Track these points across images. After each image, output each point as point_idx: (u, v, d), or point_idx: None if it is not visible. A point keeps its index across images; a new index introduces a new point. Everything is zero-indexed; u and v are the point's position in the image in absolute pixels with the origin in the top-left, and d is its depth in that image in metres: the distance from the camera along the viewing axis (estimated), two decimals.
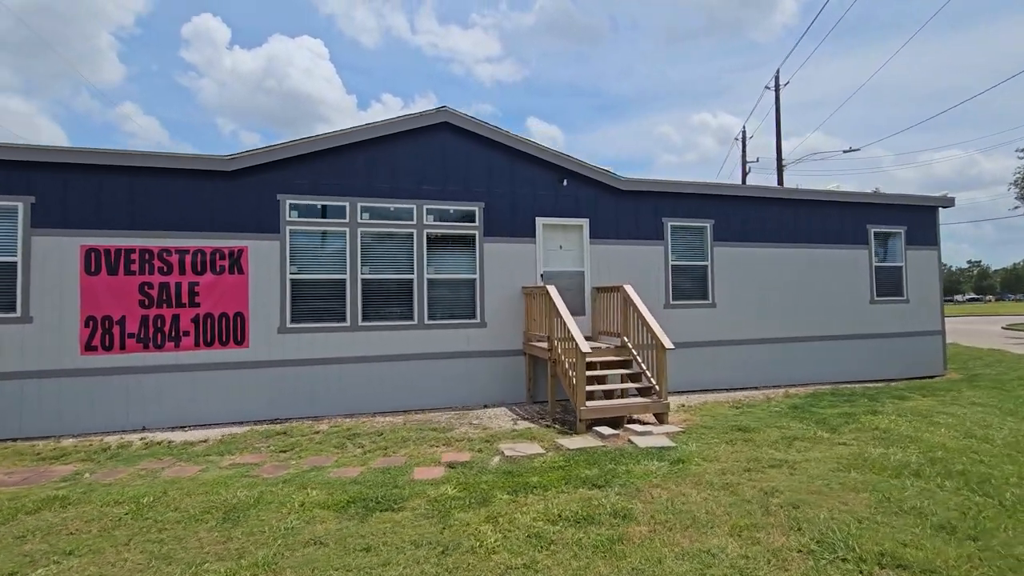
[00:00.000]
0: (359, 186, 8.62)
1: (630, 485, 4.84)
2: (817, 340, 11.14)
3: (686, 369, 10.15)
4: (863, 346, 11.45)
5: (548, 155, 9.50)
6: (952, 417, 7.49)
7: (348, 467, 5.62)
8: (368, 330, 8.57)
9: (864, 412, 7.88)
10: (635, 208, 10.07)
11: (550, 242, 9.64)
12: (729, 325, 10.55)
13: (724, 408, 8.49)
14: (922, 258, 12.06)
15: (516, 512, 4.25)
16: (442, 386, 8.83)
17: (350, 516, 4.23)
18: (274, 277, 8.19)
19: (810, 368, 11.00)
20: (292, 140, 8.32)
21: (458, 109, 9.04)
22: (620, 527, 3.96)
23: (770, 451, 5.92)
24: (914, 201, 12.06)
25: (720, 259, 10.56)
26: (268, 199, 8.22)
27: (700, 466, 5.41)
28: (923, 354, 11.89)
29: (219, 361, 7.94)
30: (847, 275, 11.47)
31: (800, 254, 11.15)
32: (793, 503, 4.36)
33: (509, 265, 9.29)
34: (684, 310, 10.27)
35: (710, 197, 10.56)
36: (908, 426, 6.97)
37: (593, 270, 9.76)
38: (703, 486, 4.80)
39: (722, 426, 7.12)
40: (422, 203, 8.89)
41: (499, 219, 9.28)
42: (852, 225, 11.58)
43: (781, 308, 10.93)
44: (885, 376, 11.46)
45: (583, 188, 9.77)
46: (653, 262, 10.13)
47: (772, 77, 22.81)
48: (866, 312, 11.56)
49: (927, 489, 4.67)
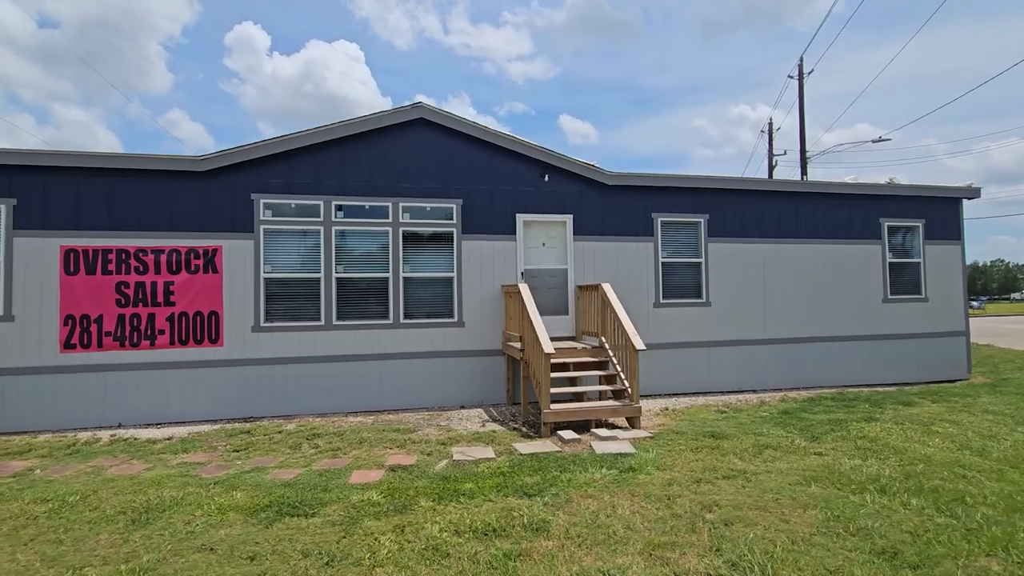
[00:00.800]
0: (334, 184, 8.57)
1: (564, 494, 4.58)
2: (824, 341, 10.51)
3: (678, 371, 9.74)
4: (876, 347, 10.74)
5: (529, 150, 9.24)
6: (955, 426, 6.90)
7: (289, 468, 5.54)
8: (342, 329, 8.51)
9: (859, 419, 7.35)
10: (623, 203, 9.70)
11: (532, 239, 9.38)
12: (725, 325, 10.05)
13: (708, 412, 8.07)
14: (943, 253, 11.23)
15: (428, 522, 4.05)
16: (418, 387, 8.70)
17: (258, 521, 4.12)
18: (248, 276, 8.22)
19: (816, 370, 10.39)
20: (265, 139, 8.33)
21: (435, 104, 8.91)
22: (528, 541, 3.72)
23: (734, 460, 5.54)
24: (934, 192, 11.24)
25: (715, 256, 10.08)
26: (242, 198, 8.25)
27: (649, 475, 5.09)
28: (944, 356, 11.08)
29: (193, 360, 8.01)
30: (858, 272, 10.79)
31: (805, 250, 10.54)
32: (727, 520, 4.01)
33: (488, 263, 9.08)
34: (675, 309, 9.84)
35: (704, 191, 10.08)
36: (899, 435, 6.45)
37: (577, 268, 9.45)
38: (640, 498, 4.50)
39: (696, 432, 6.74)
40: (398, 201, 8.78)
41: (478, 216, 9.08)
42: (863, 219, 10.88)
43: (783, 307, 10.36)
44: (900, 379, 10.73)
45: (567, 183, 9.47)
46: (642, 259, 9.74)
47: (796, 66, 21.82)
48: (879, 311, 10.85)
49: (887, 507, 4.24)
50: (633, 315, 9.50)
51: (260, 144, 8.28)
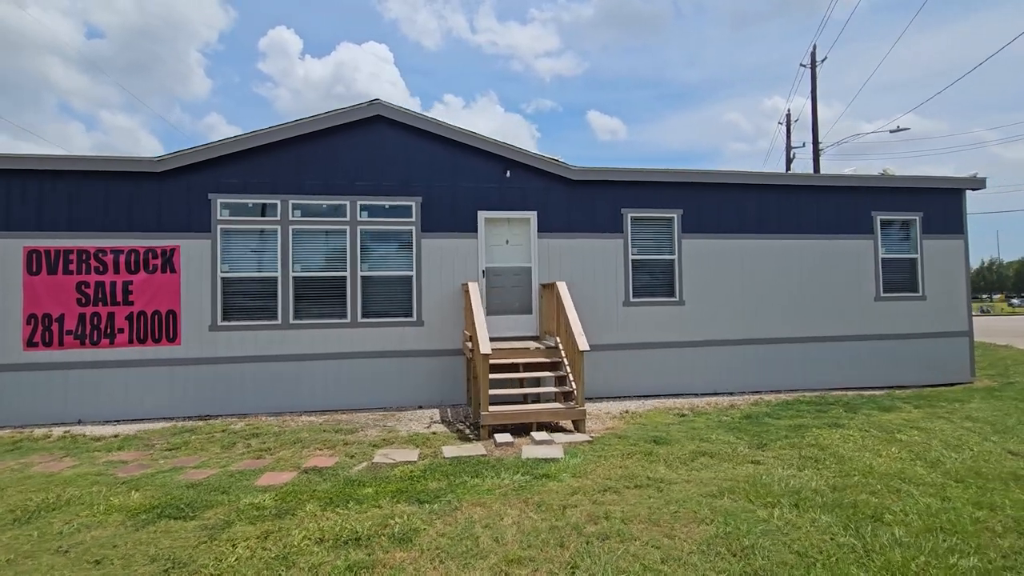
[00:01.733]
0: (290, 183, 8.56)
1: (457, 502, 4.41)
2: (810, 341, 10.00)
3: (649, 372, 9.41)
4: (868, 348, 10.17)
5: (491, 146, 9.05)
6: (923, 434, 6.44)
7: (207, 469, 5.53)
8: (299, 328, 8.51)
9: (823, 425, 6.94)
10: (590, 199, 9.41)
11: (495, 237, 9.19)
12: (700, 325, 9.66)
13: (668, 416, 7.75)
14: (943, 249, 10.55)
15: (299, 529, 3.94)
16: (375, 386, 8.63)
17: (135, 523, 4.09)
18: (205, 275, 8.29)
19: (800, 373, 9.89)
20: (222, 139, 8.38)
21: (391, 102, 8.82)
22: (384, 552, 3.57)
23: (659, 468, 5.26)
24: (933, 184, 10.56)
25: (690, 252, 9.69)
26: (199, 198, 8.33)
27: (560, 482, 4.87)
28: (943, 358, 10.40)
29: (151, 358, 8.13)
30: (848, 269, 10.22)
31: (789, 246, 10.04)
32: (606, 534, 3.77)
33: (449, 261, 8.93)
34: (646, 308, 9.51)
35: (678, 185, 9.70)
36: (855, 443, 6.04)
37: (542, 266, 9.22)
38: (532, 507, 4.29)
39: (640, 436, 6.46)
40: (355, 199, 8.72)
41: (438, 214, 8.95)
42: (854, 213, 10.30)
43: (764, 306, 9.89)
44: (895, 382, 10.13)
45: (531, 179, 9.24)
46: (610, 257, 9.43)
47: (818, 55, 20.94)
48: (871, 310, 10.26)
49: (792, 524, 3.93)
50: (601, 314, 9.27)
51: (217, 144, 8.34)
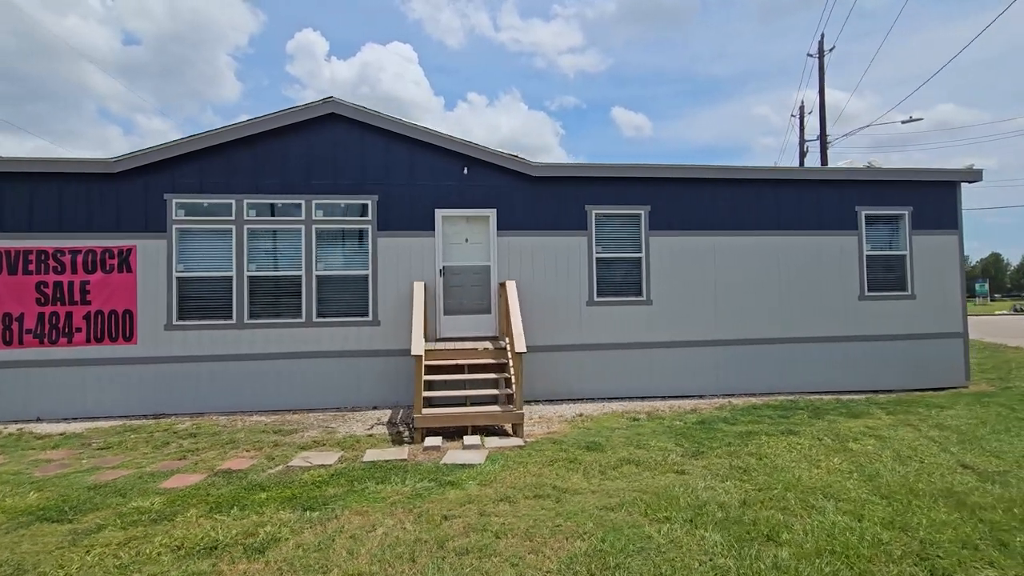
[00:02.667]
0: (246, 183, 8.55)
1: (340, 510, 4.27)
2: (788, 343, 9.56)
3: (613, 374, 9.12)
4: (851, 350, 9.67)
5: (449, 143, 8.88)
6: (879, 443, 6.05)
7: (123, 470, 5.52)
8: (254, 328, 8.50)
9: (776, 432, 6.59)
10: (553, 196, 9.16)
11: (455, 235, 9.02)
12: (669, 325, 9.32)
13: (618, 420, 7.47)
14: (935, 245, 9.95)
15: (165, 535, 3.86)
16: (330, 386, 8.57)
17: (10, 525, 4.07)
18: (161, 275, 8.34)
19: (777, 375, 9.46)
20: (177, 139, 8.40)
21: (346, 99, 8.70)
22: (231, 563, 3.45)
23: (573, 477, 5.04)
24: (923, 176, 9.97)
25: (658, 250, 9.35)
26: (155, 198, 8.38)
27: (461, 491, 4.69)
28: (936, 360, 9.82)
29: (108, 357, 8.22)
30: (829, 267, 9.73)
31: (765, 243, 9.61)
32: (468, 549, 3.58)
33: (406, 260, 8.81)
34: (612, 308, 9.22)
35: (646, 181, 9.37)
36: (798, 453, 5.70)
37: (502, 264, 9.01)
38: (414, 517, 4.12)
39: (575, 442, 6.22)
40: (311, 198, 8.66)
41: (395, 212, 8.82)
42: (836, 207, 9.79)
43: (738, 306, 9.49)
44: (882, 386, 9.61)
45: (491, 176, 9.04)
46: (574, 255, 9.17)
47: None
48: (855, 310, 9.75)
49: (675, 542, 3.67)
50: (563, 314, 9.03)
51: (172, 144, 8.37)
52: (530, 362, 8.95)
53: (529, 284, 9.02)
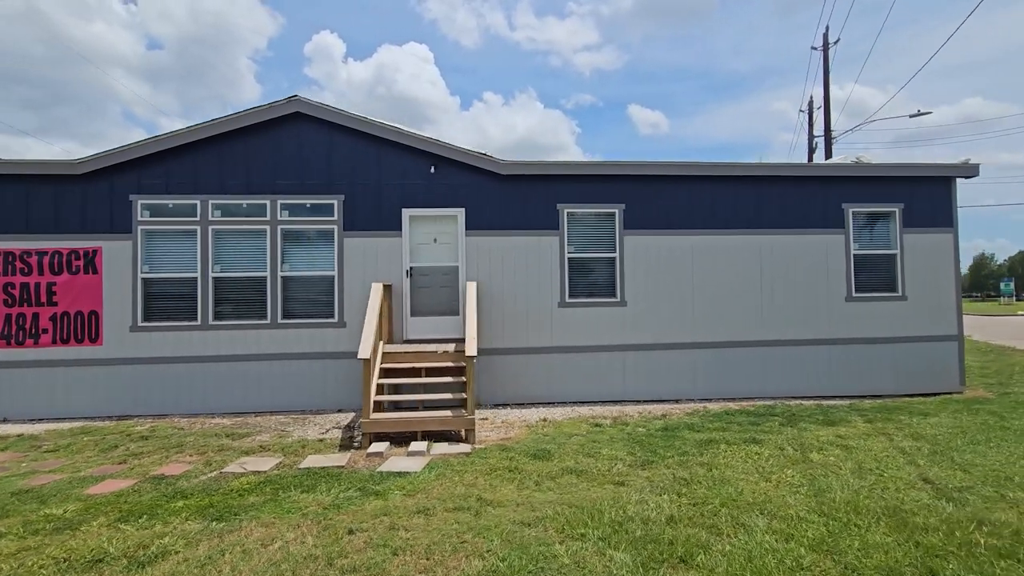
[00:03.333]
0: (211, 183, 8.49)
1: (248, 521, 4.14)
2: (769, 346, 9.21)
3: (586, 378, 8.88)
4: (836, 354, 9.28)
5: (416, 141, 8.72)
6: (844, 453, 5.75)
7: (57, 474, 5.47)
8: (219, 329, 8.44)
9: (739, 440, 6.30)
10: (523, 195, 8.95)
11: (423, 235, 8.86)
12: (644, 327, 9.04)
13: (580, 427, 7.23)
14: (928, 243, 9.50)
15: (59, 546, 3.76)
16: (294, 388, 8.47)
17: None
18: (127, 276, 8.32)
19: (758, 380, 9.12)
20: (142, 140, 8.38)
21: (311, 99, 8.59)
22: None
23: (505, 488, 4.85)
24: (915, 172, 9.53)
25: (633, 250, 9.08)
26: (121, 200, 8.37)
27: (383, 501, 4.53)
28: (927, 365, 9.38)
29: (75, 358, 8.23)
30: (814, 266, 9.35)
31: (746, 242, 9.26)
32: (357, 567, 3.41)
33: (372, 261, 8.67)
34: (584, 309, 8.97)
35: (620, 178, 9.10)
36: (753, 464, 5.43)
37: (470, 265, 8.82)
38: (319, 529, 3.96)
39: (525, 449, 6.01)
40: (276, 198, 8.57)
41: (362, 212, 8.69)
42: (821, 205, 9.41)
43: (717, 307, 9.17)
44: (869, 391, 9.21)
45: (459, 175, 8.85)
46: (545, 255, 8.94)
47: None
48: (841, 312, 9.36)
49: (580, 563, 3.45)
50: (534, 316, 8.83)
51: (137, 145, 8.35)
52: (500, 365, 8.78)
53: (499, 285, 8.83)
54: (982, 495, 4.50)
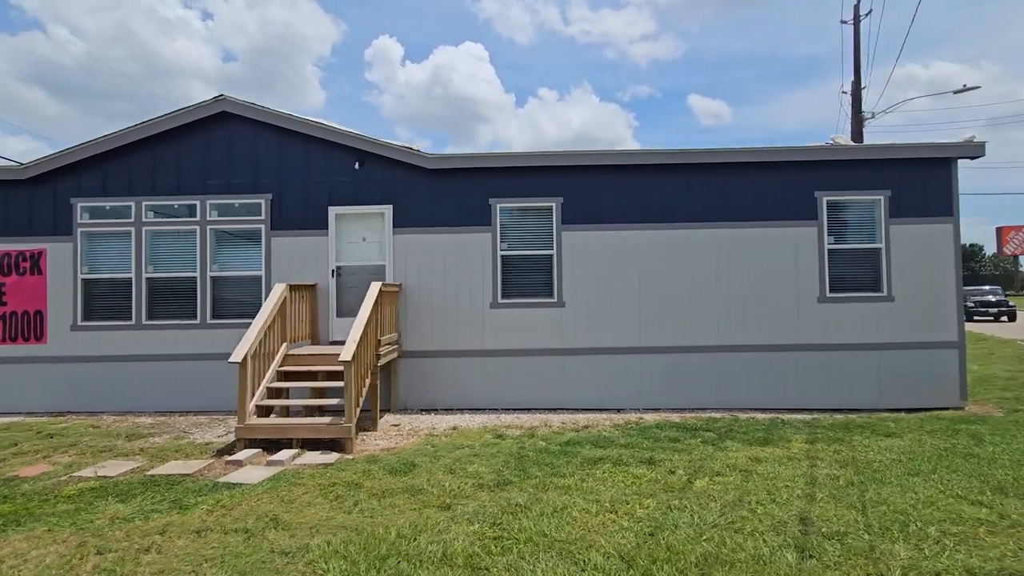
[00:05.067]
0: (145, 185, 8.61)
1: (24, 531, 4.00)
2: (726, 351, 8.31)
3: (520, 383, 8.36)
4: (806, 361, 8.24)
5: (342, 137, 8.47)
6: (740, 480, 5.02)
7: None
8: (151, 329, 8.55)
9: (633, 460, 5.66)
10: (454, 189, 8.50)
11: (351, 234, 8.61)
12: (584, 330, 8.38)
13: (481, 437, 6.73)
14: (922, 235, 8.26)
15: None
16: (221, 388, 8.36)
17: None
18: (68, 277, 8.58)
19: (712, 389, 8.25)
20: (81, 143, 8.59)
21: (237, 97, 8.51)
22: None
23: (315, 510, 4.48)
24: (903, 153, 8.29)
25: (572, 246, 8.43)
26: (63, 203, 8.63)
27: (175, 517, 4.28)
28: (920, 375, 8.16)
29: (21, 355, 8.59)
30: (781, 263, 8.35)
31: (701, 237, 8.39)
32: None
33: (300, 260, 8.51)
34: (519, 310, 8.42)
35: (559, 169, 8.46)
36: (622, 490, 4.83)
37: (398, 264, 8.49)
38: (73, 546, 3.74)
39: (392, 464, 5.60)
40: (206, 198, 8.57)
41: (289, 211, 8.55)
42: (791, 193, 8.37)
43: (668, 309, 8.36)
44: (846, 404, 8.12)
45: (388, 170, 8.53)
46: (477, 252, 8.46)
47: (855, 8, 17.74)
48: (813, 314, 8.30)
49: None
50: (465, 317, 8.42)
51: (76, 149, 8.58)
52: (431, 369, 8.42)
53: (428, 285, 8.45)
54: (850, 546, 3.67)
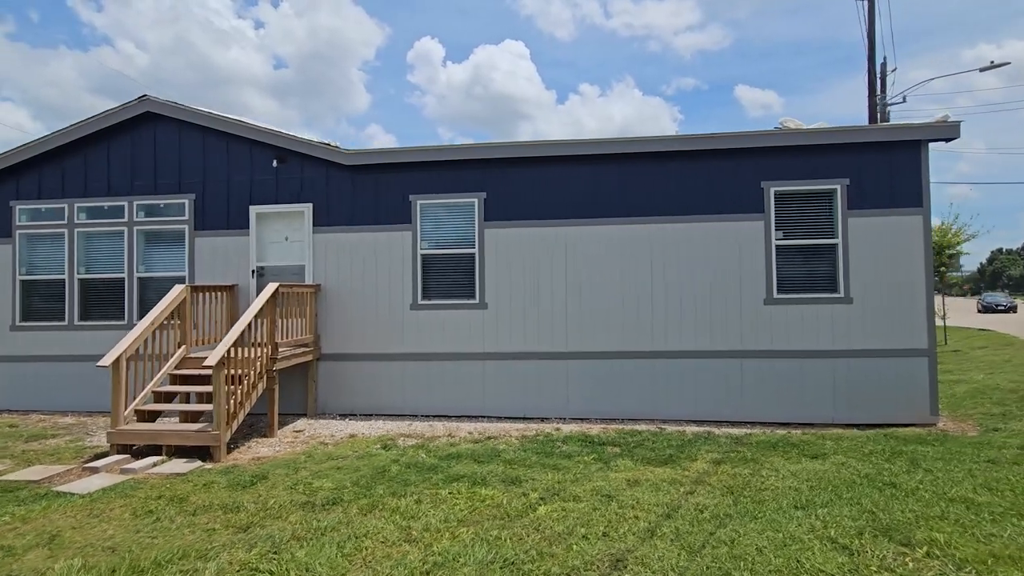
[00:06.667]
0: (77, 187, 8.69)
1: None
2: (662, 358, 7.62)
3: (441, 389, 7.95)
4: (750, 369, 7.47)
5: (261, 135, 8.27)
6: (596, 508, 4.45)
7: None
8: (83, 330, 8.62)
9: (494, 482, 5.14)
10: (374, 186, 8.16)
11: (274, 233, 8.41)
12: (508, 333, 7.88)
13: (370, 447, 6.36)
14: (884, 229, 7.32)
15: None
16: None
17: None
18: (7, 279, 8.76)
19: (644, 398, 7.59)
20: (16, 147, 8.75)
21: (160, 97, 8.45)
22: None
23: (101, 527, 4.22)
24: (864, 137, 7.36)
25: (495, 244, 7.93)
26: (3, 205, 8.82)
27: None
28: (883, 387, 7.24)
29: None
30: (722, 261, 7.59)
31: (635, 233, 7.73)
32: None
33: (223, 261, 8.38)
34: (440, 312, 8.00)
35: (481, 163, 7.98)
36: (441, 516, 4.33)
37: (318, 264, 8.22)
38: None
39: (247, 475, 5.34)
40: (133, 199, 8.56)
41: (212, 211, 8.43)
42: (734, 184, 7.59)
43: (599, 312, 7.75)
44: (798, 418, 7.31)
45: (308, 168, 8.27)
46: (397, 251, 8.09)
47: None
48: (758, 318, 7.50)
49: None
50: (385, 319, 8.10)
51: (13, 152, 8.73)
52: (352, 372, 8.15)
53: (348, 285, 8.16)
54: None
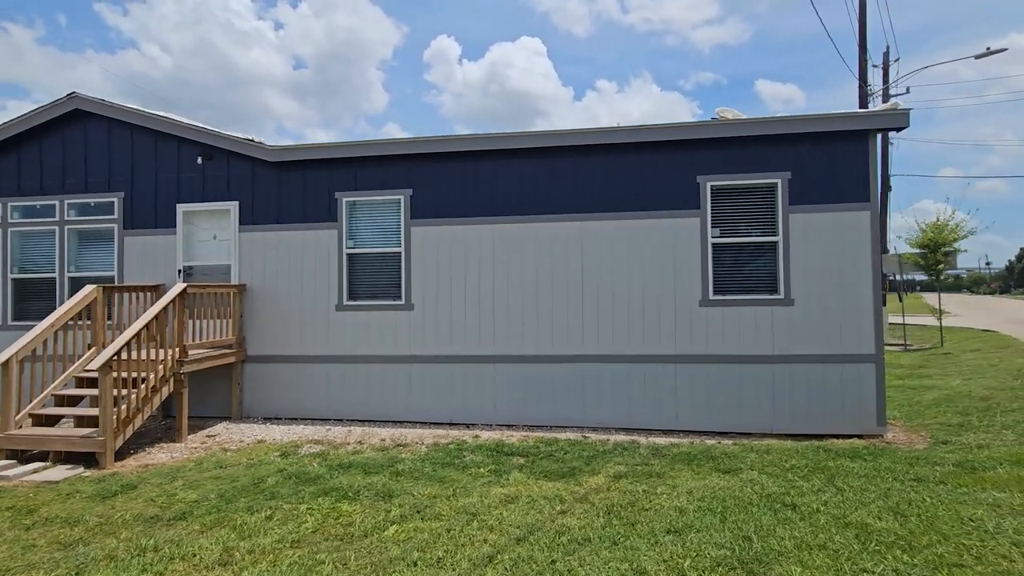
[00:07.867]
0: (11, 186, 8.61)
1: None
2: (590, 362, 7.23)
3: (367, 392, 7.69)
4: (684, 374, 7.03)
5: (188, 131, 8.08)
6: (451, 529, 4.13)
7: None
8: (15, 330, 8.50)
9: (366, 495, 4.84)
10: (300, 183, 7.92)
11: (202, 232, 8.23)
12: (433, 334, 7.57)
13: (267, 455, 6.11)
14: (829, 225, 6.82)
15: None
16: None
17: None
18: None
19: (571, 404, 7.22)
20: None
21: (89, 95, 8.32)
22: None
23: None
24: (806, 127, 6.86)
25: (422, 243, 7.62)
26: None
27: None
28: (827, 395, 6.75)
29: None
30: (655, 260, 7.16)
31: (563, 231, 7.35)
32: None
33: (151, 260, 8.23)
34: (366, 313, 7.73)
35: (408, 159, 7.67)
36: (279, 535, 4.04)
37: (244, 263, 8.01)
38: None
39: (121, 483, 5.16)
40: (64, 198, 8.46)
41: (141, 209, 8.28)
42: (668, 179, 7.16)
43: (526, 313, 7.39)
44: (736, 427, 6.87)
45: (234, 165, 8.07)
46: (323, 251, 7.83)
47: None
48: (693, 320, 7.06)
49: None
50: (311, 320, 7.88)
51: None
52: (278, 374, 7.95)
53: (273, 285, 7.94)
54: None
